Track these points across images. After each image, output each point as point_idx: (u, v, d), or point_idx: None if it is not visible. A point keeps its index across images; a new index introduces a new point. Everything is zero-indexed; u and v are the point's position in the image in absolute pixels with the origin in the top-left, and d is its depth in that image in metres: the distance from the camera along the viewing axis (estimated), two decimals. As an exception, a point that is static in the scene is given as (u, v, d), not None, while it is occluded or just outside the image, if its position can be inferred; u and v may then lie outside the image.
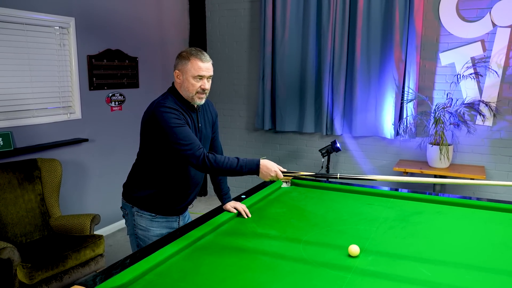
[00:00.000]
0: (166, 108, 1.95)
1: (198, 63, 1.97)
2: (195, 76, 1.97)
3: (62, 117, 3.77)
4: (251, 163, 1.93)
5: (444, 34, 4.12)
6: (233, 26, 5.13)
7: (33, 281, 2.65)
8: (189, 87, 1.99)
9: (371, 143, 4.62)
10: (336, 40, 4.47)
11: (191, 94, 2.01)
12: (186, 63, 1.98)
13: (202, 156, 1.90)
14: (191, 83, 1.98)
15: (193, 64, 1.97)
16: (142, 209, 2.14)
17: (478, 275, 1.65)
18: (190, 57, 1.98)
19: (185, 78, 1.99)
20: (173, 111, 1.94)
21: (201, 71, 1.97)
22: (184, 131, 1.92)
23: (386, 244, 1.93)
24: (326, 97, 4.59)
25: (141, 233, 2.16)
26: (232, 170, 1.92)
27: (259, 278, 1.63)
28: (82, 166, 3.97)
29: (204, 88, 2.00)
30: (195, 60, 1.97)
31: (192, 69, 1.97)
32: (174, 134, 1.91)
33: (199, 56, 1.98)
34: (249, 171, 1.93)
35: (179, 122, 1.94)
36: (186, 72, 1.99)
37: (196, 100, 2.03)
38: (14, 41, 3.34)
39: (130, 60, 4.40)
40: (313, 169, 4.88)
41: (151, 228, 2.14)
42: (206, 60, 1.99)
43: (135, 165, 2.19)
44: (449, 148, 3.94)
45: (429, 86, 4.26)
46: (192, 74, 1.97)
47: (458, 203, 2.48)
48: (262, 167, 1.94)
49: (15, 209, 3.08)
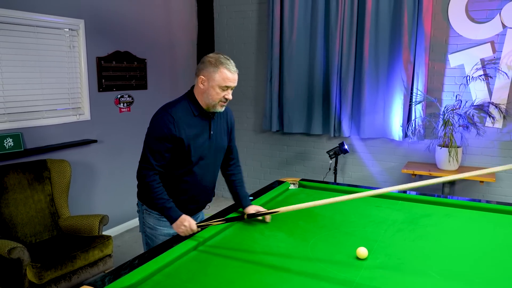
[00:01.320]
0: (167, 116, 1.98)
1: (226, 74, 1.94)
2: (222, 86, 1.96)
3: (71, 118, 3.80)
4: (173, 213, 1.99)
5: (453, 35, 4.09)
6: (241, 27, 5.14)
7: (43, 281, 2.67)
8: (213, 96, 1.98)
9: (379, 145, 4.59)
10: (344, 41, 4.46)
11: (213, 103, 2.00)
12: (214, 71, 1.94)
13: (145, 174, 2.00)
14: (216, 92, 1.97)
15: (221, 74, 1.94)
16: (150, 208, 2.16)
17: (487, 278, 1.64)
18: (219, 66, 1.94)
19: (210, 86, 1.96)
20: (168, 124, 1.96)
21: (229, 82, 1.96)
22: (158, 145, 1.99)
23: (395, 246, 1.92)
24: (334, 99, 4.58)
25: (149, 231, 2.19)
26: (155, 202, 2.02)
27: (266, 280, 1.63)
28: (91, 167, 4.00)
29: (228, 98, 2.00)
30: (224, 70, 1.94)
31: (220, 78, 1.94)
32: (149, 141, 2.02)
33: (228, 66, 1.95)
34: (167, 216, 2.01)
35: (162, 137, 1.97)
36: (212, 80, 1.95)
37: (217, 108, 2.03)
38: (24, 43, 3.38)
39: (138, 62, 4.42)
40: (321, 171, 4.87)
41: (158, 227, 2.16)
42: (234, 71, 1.98)
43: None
44: (458, 150, 3.91)
45: (438, 88, 4.23)
46: (219, 83, 1.95)
47: (467, 205, 2.46)
48: (180, 219, 1.98)
49: (25, 209, 3.11)
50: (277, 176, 5.08)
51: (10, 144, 3.27)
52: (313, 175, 4.91)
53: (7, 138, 3.26)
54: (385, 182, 4.60)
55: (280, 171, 5.14)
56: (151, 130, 2.02)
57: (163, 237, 2.13)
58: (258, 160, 5.26)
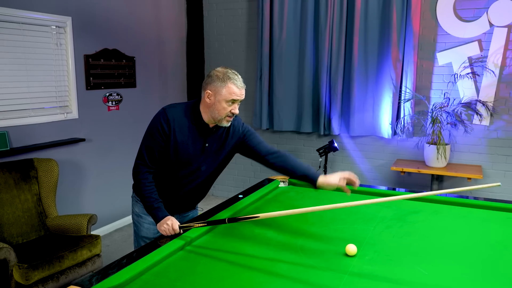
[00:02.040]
0: (163, 114, 2.01)
1: (233, 88, 1.94)
2: (228, 100, 1.96)
3: (59, 117, 3.75)
4: (160, 212, 1.99)
5: (441, 33, 4.13)
6: (230, 25, 5.12)
7: (30, 281, 2.64)
8: (220, 110, 1.97)
9: (368, 143, 4.62)
10: (333, 39, 4.47)
11: (220, 117, 1.99)
12: (222, 86, 1.94)
13: (139, 171, 2.04)
14: (222, 107, 1.96)
15: (228, 89, 1.94)
16: (138, 196, 2.19)
17: (475, 274, 1.65)
18: (227, 81, 1.94)
19: (217, 100, 1.96)
20: (163, 122, 1.99)
21: (236, 96, 1.96)
22: (151, 142, 2.02)
23: (384, 243, 1.93)
24: (323, 97, 4.59)
25: (136, 219, 2.26)
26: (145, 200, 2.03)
27: (256, 278, 1.62)
28: (79, 166, 3.96)
29: (234, 112, 2.00)
30: (231, 85, 1.94)
31: (227, 93, 1.94)
32: (144, 137, 2.05)
33: (235, 81, 1.95)
34: (153, 215, 2.01)
35: (155, 134, 2.00)
36: (220, 94, 1.95)
37: (224, 122, 2.02)
38: (10, 41, 3.33)
39: (127, 60, 4.39)
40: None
41: (144, 215, 2.21)
42: (241, 86, 1.98)
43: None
44: (446, 147, 3.95)
45: (427, 86, 4.26)
46: (225, 98, 1.95)
47: (455, 202, 2.48)
48: (164, 219, 1.97)
49: (12, 209, 3.07)
50: (267, 174, 5.06)
51: (-4, 143, 3.21)
52: (303, 173, 4.91)
53: (-7, 137, 3.20)
54: (374, 179, 4.62)
55: (270, 170, 5.11)
56: (148, 127, 2.07)
57: (147, 225, 2.20)
58: (247, 159, 5.22)
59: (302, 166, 2.18)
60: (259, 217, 1.93)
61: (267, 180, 2.93)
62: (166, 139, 2.01)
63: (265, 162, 2.24)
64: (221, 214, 2.21)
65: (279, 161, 2.20)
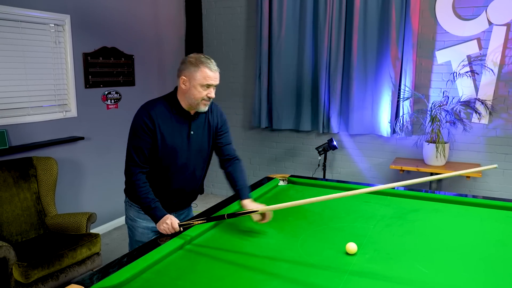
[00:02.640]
0: (145, 112, 2.00)
1: (207, 72, 1.96)
2: (203, 85, 1.97)
3: (58, 115, 3.74)
4: (158, 212, 1.99)
5: (440, 32, 4.13)
6: (229, 23, 5.12)
7: (29, 280, 2.64)
8: (196, 95, 1.99)
9: (367, 141, 4.62)
10: (332, 37, 4.47)
11: (196, 102, 2.00)
12: (195, 71, 1.96)
13: (132, 172, 2.02)
14: (198, 91, 1.98)
15: (202, 73, 1.96)
16: (131, 200, 2.20)
17: (475, 272, 1.66)
18: (199, 65, 1.96)
19: (192, 85, 1.98)
20: (146, 120, 1.98)
21: (210, 80, 1.97)
22: (138, 142, 2.01)
23: (383, 241, 1.94)
24: (322, 95, 4.59)
25: (130, 223, 2.25)
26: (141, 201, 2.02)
27: (256, 276, 1.63)
28: (78, 164, 3.96)
29: (210, 96, 2.01)
30: (205, 69, 1.96)
31: (201, 77, 1.96)
32: (130, 138, 2.04)
33: (208, 65, 1.97)
34: (152, 215, 2.01)
35: (141, 133, 2.00)
36: (194, 79, 1.97)
37: (201, 107, 2.03)
38: (9, 39, 3.31)
39: (126, 58, 4.38)
40: (310, 167, 4.88)
41: (138, 219, 2.20)
42: (215, 70, 2.00)
43: None
44: (445, 146, 3.95)
45: (426, 84, 4.27)
46: (200, 82, 1.97)
47: (455, 200, 2.49)
48: (163, 218, 1.97)
49: (11, 208, 3.06)
50: (266, 172, 5.08)
51: (-6, 141, 3.21)
52: (302, 171, 4.92)
53: (-8, 135, 3.20)
54: (373, 178, 4.63)
55: (269, 168, 5.14)
56: (131, 128, 2.05)
57: (142, 230, 2.20)
58: (247, 157, 5.25)
59: (243, 181, 2.21)
60: (258, 211, 1.93)
61: (267, 178, 2.93)
62: (152, 135, 2.01)
63: (220, 163, 2.29)
64: (221, 213, 2.21)
65: (231, 169, 2.25)
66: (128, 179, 2.04)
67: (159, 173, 2.10)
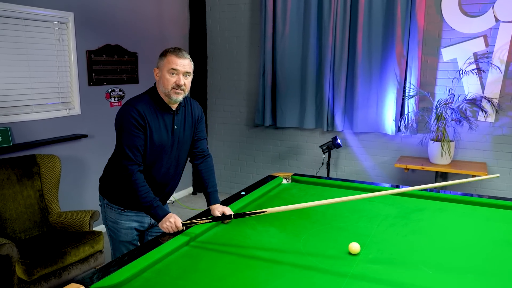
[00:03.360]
0: (132, 108, 1.99)
1: (173, 58, 1.99)
2: (169, 70, 1.98)
3: (61, 113, 3.74)
4: (160, 210, 1.98)
5: (446, 29, 4.08)
6: (233, 21, 5.09)
7: (32, 277, 2.64)
8: (164, 82, 2.01)
9: (372, 139, 4.59)
10: (337, 35, 4.43)
11: (167, 90, 2.01)
12: (163, 59, 2.02)
13: (130, 172, 1.98)
14: (166, 78, 2.00)
15: (168, 59, 1.99)
16: (111, 203, 2.19)
17: (480, 272, 1.63)
18: (166, 54, 2.02)
19: (162, 74, 2.02)
20: (135, 116, 1.97)
21: (175, 65, 1.98)
22: (132, 140, 1.98)
23: (387, 241, 1.91)
24: (327, 93, 4.56)
25: (111, 225, 2.22)
26: (141, 201, 1.98)
27: (258, 276, 1.61)
28: (82, 162, 3.95)
29: (179, 83, 2.00)
30: (171, 56, 1.99)
31: (167, 63, 1.99)
32: (122, 137, 2.00)
33: (175, 52, 2.00)
34: (154, 214, 1.99)
35: (134, 130, 1.98)
36: (162, 67, 2.01)
37: (172, 96, 2.02)
38: (12, 36, 3.31)
39: (129, 56, 4.37)
40: (314, 165, 4.86)
41: (120, 221, 2.19)
42: (182, 56, 2.00)
43: (110, 159, 2.24)
44: (451, 144, 3.91)
45: (431, 82, 4.22)
46: (167, 68, 1.99)
47: (460, 200, 2.46)
48: (166, 217, 1.96)
49: (14, 205, 3.06)
50: (270, 170, 5.06)
51: (-2, 139, 3.21)
52: (306, 169, 4.90)
53: (-5, 133, 3.20)
54: (377, 176, 4.60)
55: (273, 166, 5.12)
56: (120, 126, 2.02)
57: (125, 231, 2.19)
58: (251, 155, 5.23)
59: (213, 184, 2.26)
60: (266, 212, 1.91)
61: (270, 177, 2.92)
62: (144, 131, 2.01)
63: (192, 157, 2.30)
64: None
65: (203, 167, 2.28)
66: (126, 179, 2.00)
67: (144, 170, 2.07)
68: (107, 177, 2.22)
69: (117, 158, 2.06)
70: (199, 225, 1.99)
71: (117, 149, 2.06)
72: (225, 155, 5.39)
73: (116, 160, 2.07)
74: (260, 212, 1.90)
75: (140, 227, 2.21)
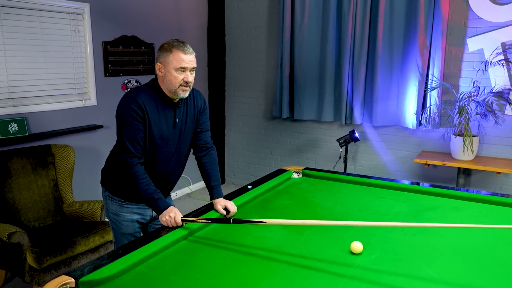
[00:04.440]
0: (132, 100, 1.94)
1: (180, 55, 1.91)
2: (177, 69, 1.92)
3: (77, 104, 3.78)
4: (161, 203, 1.95)
5: (473, 18, 3.88)
6: (251, 11, 5.01)
7: (42, 265, 2.68)
8: (171, 80, 1.94)
9: (392, 133, 4.44)
10: (357, 25, 4.28)
11: (174, 88, 1.95)
12: (168, 55, 1.92)
13: (130, 164, 1.95)
14: (173, 76, 1.93)
15: (175, 56, 1.91)
16: (113, 195, 2.17)
17: (490, 278, 1.52)
18: (172, 49, 1.92)
19: (167, 71, 1.94)
20: (135, 108, 1.92)
21: (184, 63, 1.91)
22: (132, 132, 1.94)
23: (393, 241, 1.82)
24: (346, 85, 4.43)
25: (113, 217, 2.21)
26: (142, 194, 1.96)
27: (252, 273, 1.56)
28: (97, 152, 3.99)
29: (187, 80, 1.94)
30: (177, 52, 1.91)
31: (174, 61, 1.91)
32: (122, 129, 1.96)
33: (181, 48, 1.92)
34: (154, 207, 1.96)
35: (134, 122, 1.94)
36: (168, 64, 1.93)
37: (179, 93, 1.96)
38: (28, 27, 3.35)
39: (146, 47, 4.36)
40: (332, 159, 4.75)
41: (121, 213, 2.17)
42: (188, 52, 1.93)
43: (111, 151, 2.21)
44: (474, 139, 3.73)
45: (455, 74, 4.03)
46: (174, 66, 1.92)
47: (476, 198, 2.32)
48: (167, 210, 1.93)
49: (29, 194, 3.12)
50: (287, 164, 4.99)
51: (14, 129, 3.27)
52: (324, 163, 4.80)
53: (12, 123, 3.25)
54: (397, 171, 4.45)
55: (290, 159, 5.04)
56: (120, 118, 1.98)
57: (126, 223, 2.17)
58: (268, 148, 5.17)
59: (216, 178, 2.22)
60: (266, 223, 1.84)
61: (280, 170, 2.85)
62: (143, 123, 1.97)
63: (195, 149, 2.24)
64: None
65: (206, 159, 2.23)
66: (127, 172, 1.97)
67: (145, 163, 2.04)
68: (108, 169, 2.21)
69: (117, 151, 2.04)
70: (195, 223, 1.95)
71: (117, 141, 2.03)
72: (243, 147, 5.34)
73: (117, 152, 2.05)
74: (260, 221, 1.83)
75: (142, 220, 2.19)
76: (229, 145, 5.45)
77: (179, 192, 5.04)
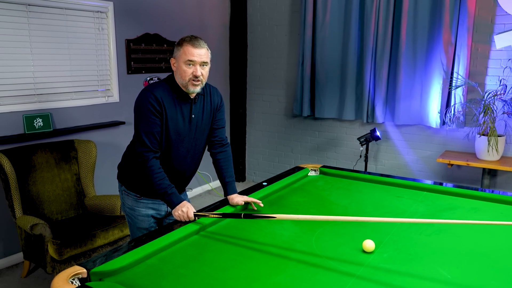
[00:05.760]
0: (150, 94, 1.97)
1: (189, 49, 1.93)
2: (186, 61, 1.93)
3: (100, 100, 3.86)
4: (175, 198, 1.97)
5: (501, 14, 3.74)
6: (273, 9, 5.00)
7: (63, 257, 2.75)
8: (182, 74, 1.96)
9: (415, 132, 4.34)
10: (380, 21, 4.21)
11: (184, 82, 1.97)
12: (179, 49, 1.96)
13: (146, 158, 1.98)
14: (183, 69, 1.95)
15: (184, 50, 1.94)
16: (128, 189, 2.20)
17: (507, 282, 1.47)
18: (183, 43, 1.95)
19: (178, 65, 1.97)
20: (153, 102, 1.95)
21: (192, 56, 1.92)
22: (149, 126, 1.96)
23: (408, 241, 1.78)
24: (367, 83, 4.36)
25: (129, 212, 2.24)
26: (156, 188, 1.98)
27: (261, 269, 1.56)
28: (119, 148, 4.07)
29: (196, 74, 1.94)
30: (187, 46, 1.93)
31: (183, 54, 1.94)
32: (139, 123, 1.99)
33: (191, 42, 1.94)
34: (168, 201, 1.98)
35: (151, 116, 1.96)
36: (178, 58, 1.96)
37: (190, 87, 1.98)
38: (54, 26, 3.45)
39: (168, 44, 4.42)
40: (353, 157, 4.69)
41: (137, 208, 2.19)
42: (198, 46, 1.94)
43: (128, 146, 2.24)
44: (500, 139, 3.61)
45: (481, 72, 3.91)
46: (183, 59, 1.94)
47: (498, 199, 2.25)
48: (180, 204, 1.95)
49: (52, 188, 3.21)
50: (308, 162, 4.95)
51: (39, 124, 3.37)
52: (344, 161, 4.74)
53: (37, 118, 3.36)
54: (420, 171, 4.35)
55: (311, 157, 5.01)
56: (138, 112, 2.01)
57: (142, 218, 2.19)
58: (289, 146, 5.15)
59: (231, 174, 2.24)
60: (276, 218, 1.83)
61: (297, 168, 2.84)
62: (161, 117, 1.99)
63: (210, 145, 2.26)
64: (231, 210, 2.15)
65: (221, 156, 2.24)
66: (142, 165, 2.00)
67: (160, 157, 2.06)
68: (124, 164, 2.24)
69: (134, 144, 2.07)
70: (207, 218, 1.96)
71: (134, 134, 2.07)
72: (263, 145, 5.34)
73: (133, 146, 2.08)
74: (270, 216, 1.83)
75: (157, 215, 2.22)
76: (250, 143, 5.46)
77: (200, 188, 5.08)
